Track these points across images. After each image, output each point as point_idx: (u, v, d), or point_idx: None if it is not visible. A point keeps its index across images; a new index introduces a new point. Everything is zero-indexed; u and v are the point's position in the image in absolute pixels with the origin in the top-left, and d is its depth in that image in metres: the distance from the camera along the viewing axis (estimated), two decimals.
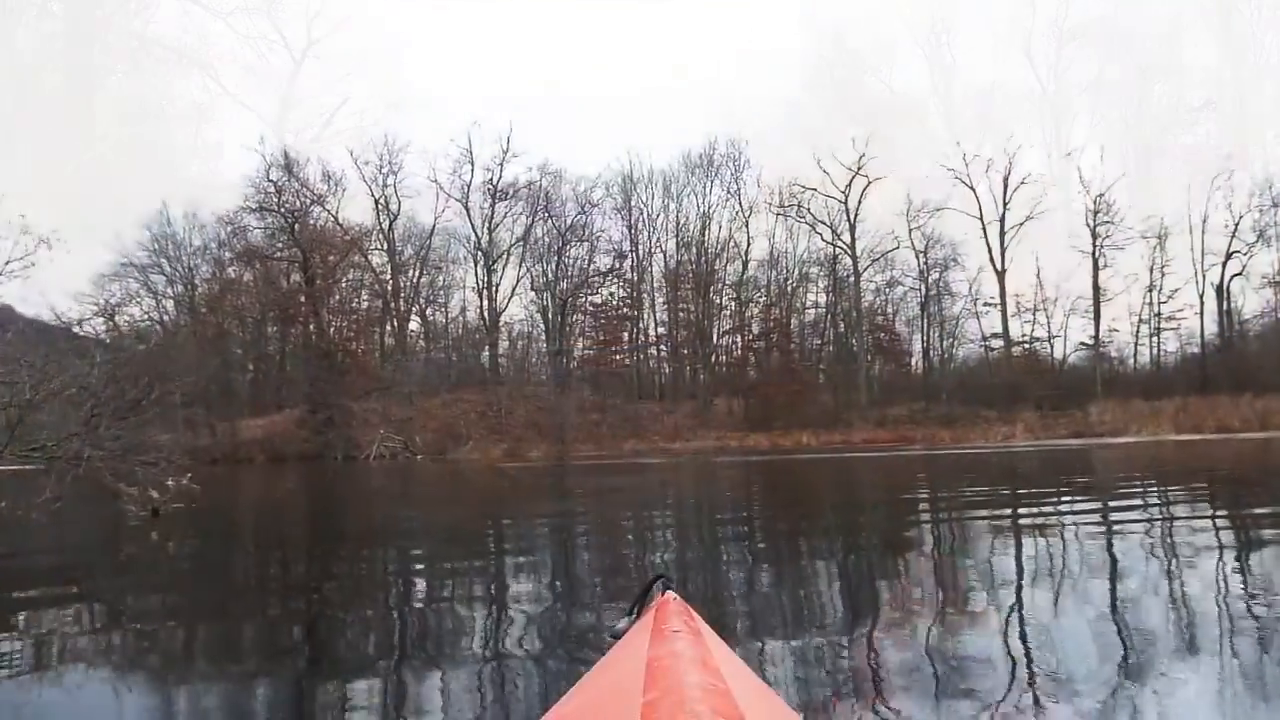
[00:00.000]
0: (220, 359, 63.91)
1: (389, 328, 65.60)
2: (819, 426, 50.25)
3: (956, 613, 4.52)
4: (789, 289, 61.42)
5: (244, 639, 4.59)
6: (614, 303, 62.73)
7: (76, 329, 62.51)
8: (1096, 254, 55.44)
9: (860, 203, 58.29)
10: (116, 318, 62.87)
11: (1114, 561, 6.03)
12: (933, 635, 3.97)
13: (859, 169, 57.17)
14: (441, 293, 66.34)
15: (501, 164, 60.67)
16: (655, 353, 64.12)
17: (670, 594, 1.89)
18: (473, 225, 62.26)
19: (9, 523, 10.82)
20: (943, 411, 51.72)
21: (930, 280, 59.65)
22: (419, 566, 7.17)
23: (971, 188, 57.14)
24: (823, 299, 61.96)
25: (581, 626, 4.17)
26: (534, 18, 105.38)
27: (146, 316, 65.09)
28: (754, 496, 14.15)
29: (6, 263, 11.42)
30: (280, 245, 61.97)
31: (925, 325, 60.71)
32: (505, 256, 62.37)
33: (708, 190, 61.12)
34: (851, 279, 59.05)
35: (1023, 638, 3.91)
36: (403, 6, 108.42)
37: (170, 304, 65.50)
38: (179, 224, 64.60)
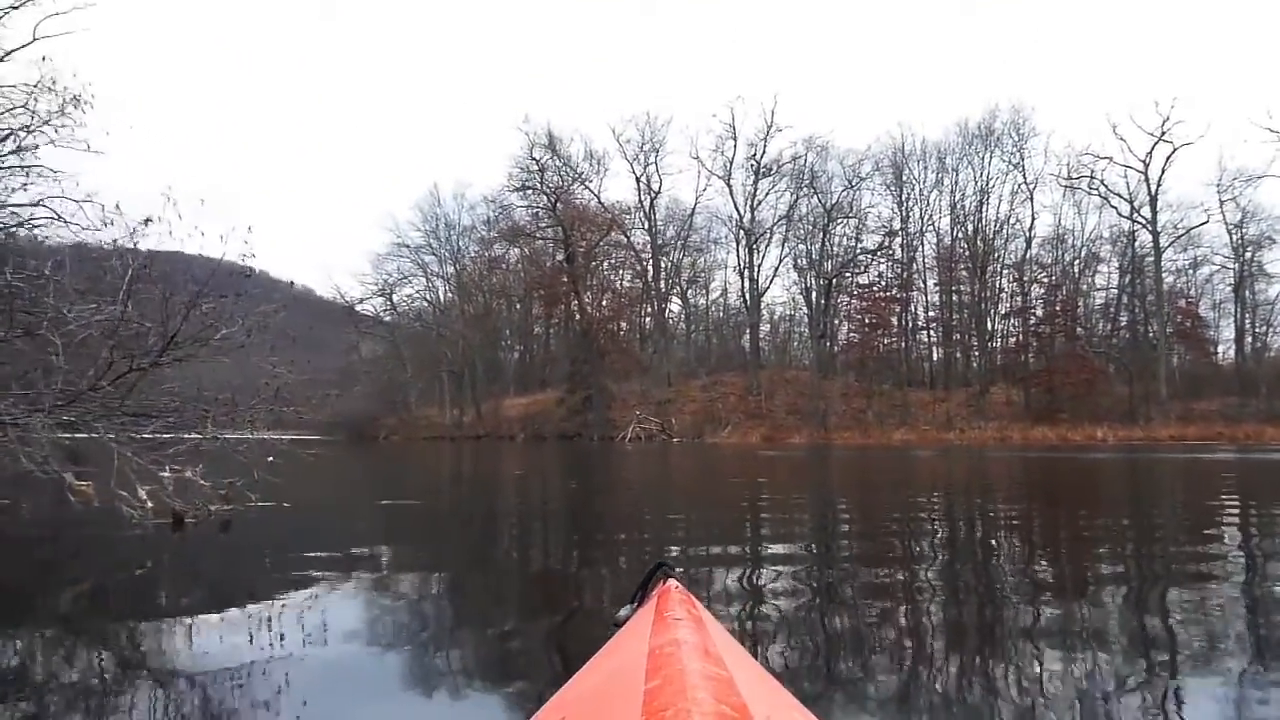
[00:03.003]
0: (484, 336, 69.95)
1: (649, 309, 68.41)
2: (1112, 420, 48.25)
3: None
4: (1076, 269, 59.08)
5: None
6: (882, 284, 62.24)
7: (359, 307, 70.95)
8: None
9: (1163, 172, 54.89)
10: (393, 296, 70.34)
11: None
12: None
13: (1162, 134, 53.80)
14: (702, 274, 68.69)
15: (765, 138, 61.86)
16: (926, 337, 63.31)
17: (672, 582, 2.03)
18: (735, 203, 63.75)
19: None
20: (1261, 407, 47.82)
21: (1245, 259, 55.57)
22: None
23: None
24: (1115, 280, 59.25)
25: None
26: None
27: (419, 296, 72.17)
28: (1038, 502, 13.15)
29: (43, 122, 10.74)
30: (544, 224, 66.57)
31: (1238, 310, 56.65)
32: (768, 235, 63.42)
33: (986, 162, 59.47)
34: (1150, 258, 55.74)
35: None
36: None
37: (440, 283, 71.97)
38: (449, 204, 71.05)
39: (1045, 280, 59.26)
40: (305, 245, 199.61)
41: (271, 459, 10.01)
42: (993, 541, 8.09)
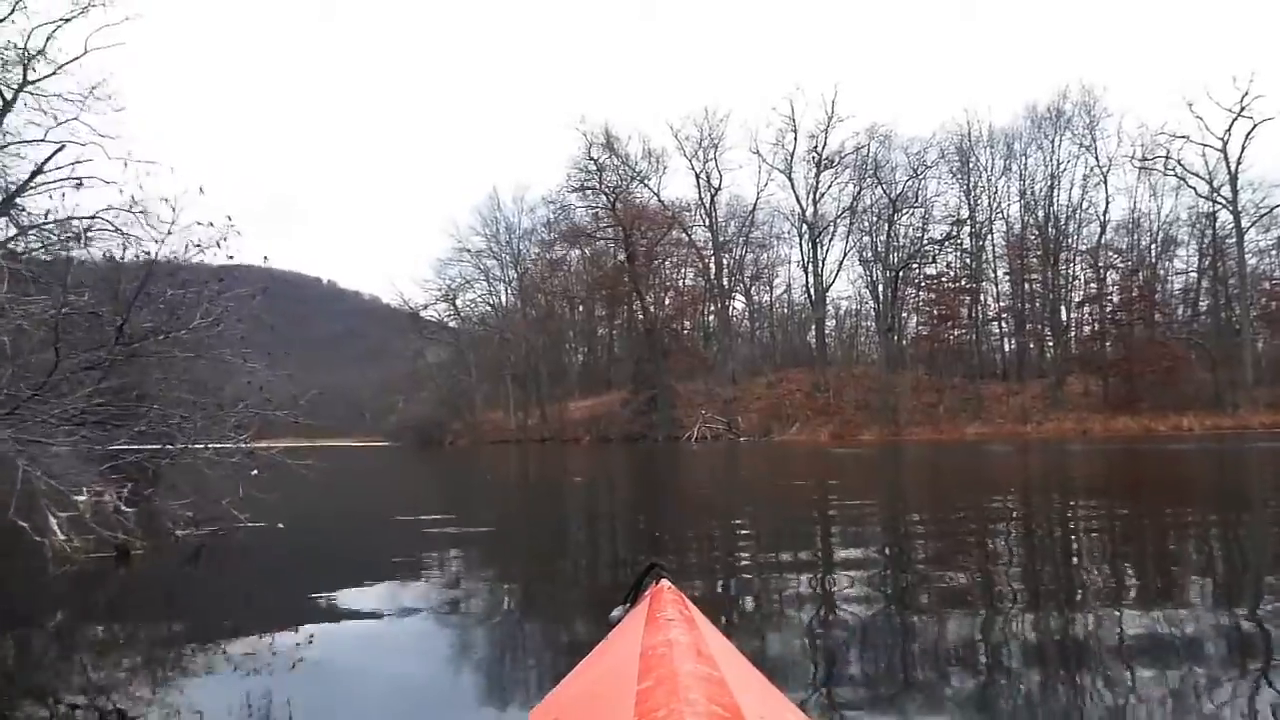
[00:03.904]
0: (547, 339, 70.45)
1: (712, 307, 68.31)
2: (1197, 409, 46.88)
3: None
4: (1153, 253, 57.43)
5: None
6: (950, 274, 61.27)
7: (423, 313, 72.00)
8: None
9: (1243, 149, 52.52)
10: (457, 301, 71.29)
11: None
12: None
13: (1241, 109, 51.54)
14: (765, 270, 68.34)
15: (826, 130, 61.22)
16: (998, 328, 62.17)
17: (665, 582, 2.07)
18: (797, 196, 63.22)
19: None
20: None
21: None
22: None
23: None
24: (1194, 263, 57.41)
25: None
26: None
27: (481, 300, 73.06)
28: (1121, 498, 12.59)
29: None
30: (604, 224, 66.74)
31: None
32: (831, 228, 62.90)
33: (1056, 146, 57.96)
34: (1232, 239, 53.87)
35: None
36: None
37: (502, 287, 72.69)
38: (508, 207, 71.80)
39: (1121, 266, 57.96)
40: (373, 256, 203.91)
41: (256, 472, 8.52)
42: (1074, 543, 7.83)
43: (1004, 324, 62.09)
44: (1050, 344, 58.74)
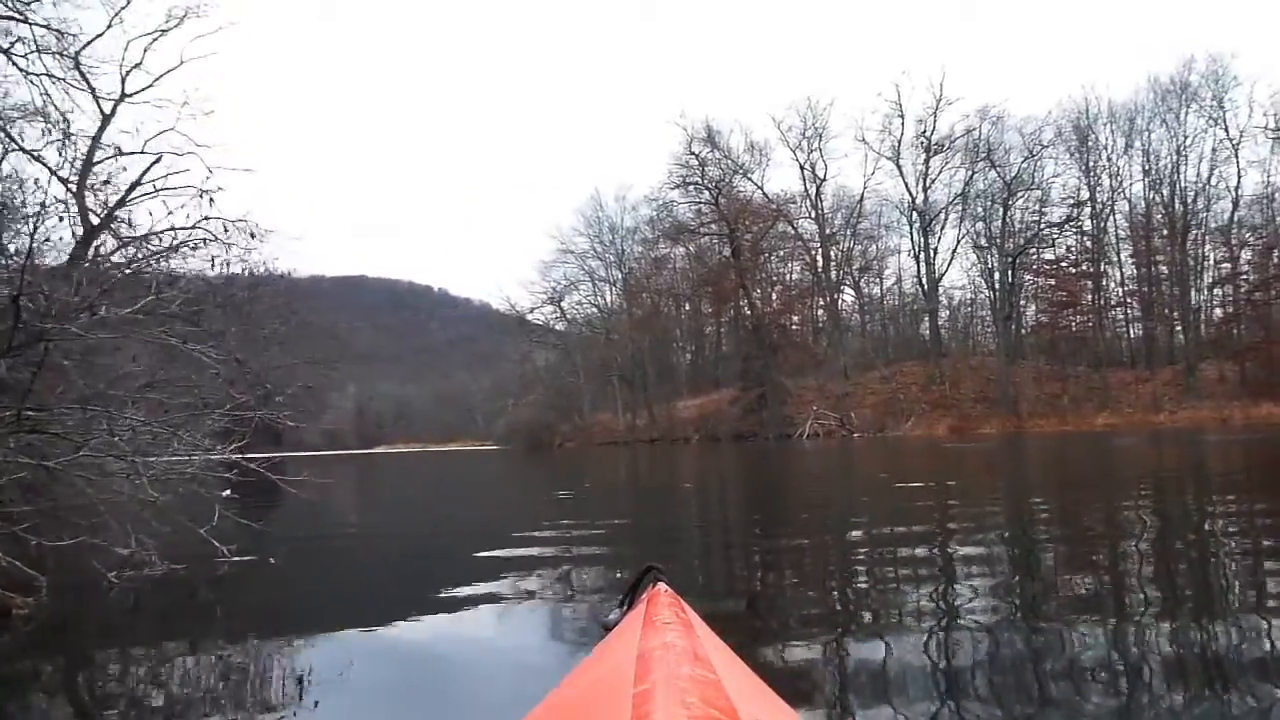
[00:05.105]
0: (652, 338, 70.64)
1: (821, 301, 67.48)
2: None
3: None
4: None
5: None
6: (1070, 258, 59.51)
7: (530, 317, 73.08)
8: None
9: None
10: (562, 303, 72.14)
11: None
12: None
13: None
14: (875, 261, 67.30)
15: (934, 113, 60.14)
16: (1123, 313, 60.10)
17: (662, 586, 2.05)
18: (906, 184, 62.18)
19: None
20: None
21: None
22: None
23: None
24: None
25: None
26: None
27: (587, 301, 73.75)
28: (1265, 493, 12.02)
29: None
30: (708, 219, 66.57)
31: None
32: (943, 216, 61.66)
33: (1182, 120, 55.57)
34: None
35: None
36: None
37: (607, 287, 73.19)
38: (610, 207, 72.30)
39: (1256, 243, 55.37)
40: (482, 262, 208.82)
41: (228, 492, 6.99)
42: (1214, 544, 7.27)
43: (1129, 309, 60.05)
44: (1180, 328, 56.53)
